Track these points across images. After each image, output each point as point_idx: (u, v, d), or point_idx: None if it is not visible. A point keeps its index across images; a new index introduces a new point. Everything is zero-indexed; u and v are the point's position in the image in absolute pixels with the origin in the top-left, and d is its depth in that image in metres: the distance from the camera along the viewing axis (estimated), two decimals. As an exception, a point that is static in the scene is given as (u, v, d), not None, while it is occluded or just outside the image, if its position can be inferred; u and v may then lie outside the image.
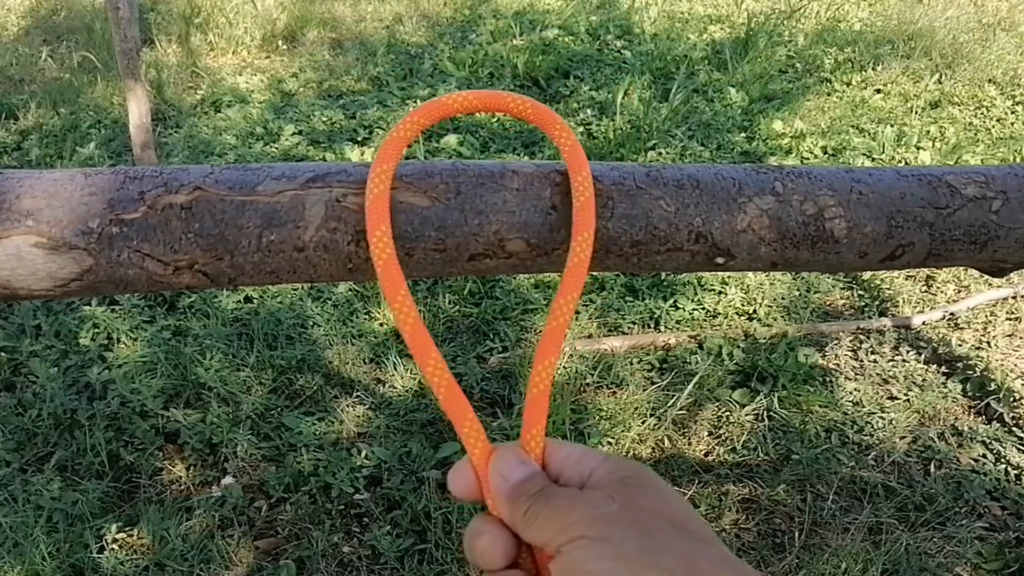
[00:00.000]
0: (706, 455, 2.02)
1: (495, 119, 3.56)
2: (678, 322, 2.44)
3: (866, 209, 0.54)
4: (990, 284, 2.62)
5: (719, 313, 2.48)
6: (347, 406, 2.11)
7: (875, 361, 2.32)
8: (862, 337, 2.41)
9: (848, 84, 4.01)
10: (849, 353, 2.35)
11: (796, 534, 1.82)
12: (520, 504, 0.44)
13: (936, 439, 2.06)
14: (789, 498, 1.91)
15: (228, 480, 1.92)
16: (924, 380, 2.25)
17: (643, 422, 2.07)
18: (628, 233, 0.52)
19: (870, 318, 2.48)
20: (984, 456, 2.02)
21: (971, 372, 2.26)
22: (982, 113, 3.78)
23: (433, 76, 4.00)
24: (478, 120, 3.55)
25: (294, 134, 3.44)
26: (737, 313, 2.49)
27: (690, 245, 0.53)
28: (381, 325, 2.38)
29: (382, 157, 0.49)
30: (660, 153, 3.28)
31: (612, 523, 0.40)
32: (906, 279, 2.68)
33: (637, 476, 0.43)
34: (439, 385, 0.46)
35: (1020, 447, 2.04)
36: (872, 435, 2.08)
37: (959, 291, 2.64)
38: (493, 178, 0.51)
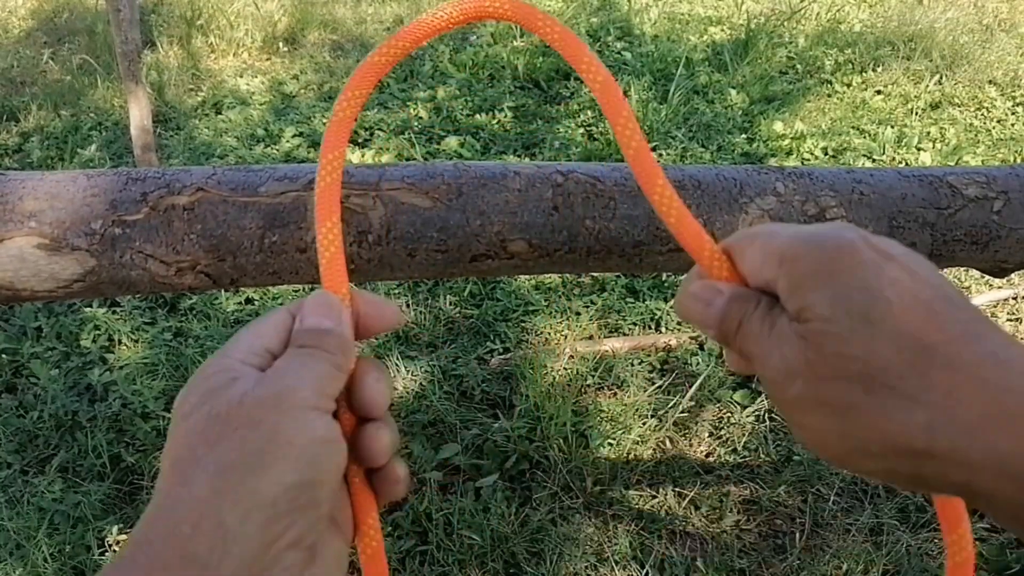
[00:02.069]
0: (707, 456, 2.02)
1: (495, 121, 3.56)
2: (679, 323, 2.44)
3: (867, 209, 0.54)
4: (991, 285, 2.62)
5: (720, 314, 2.47)
6: (348, 407, 2.11)
7: (876, 362, 2.32)
8: (863, 338, 2.41)
9: (848, 85, 4.01)
10: (850, 354, 2.35)
11: (797, 535, 1.82)
12: (734, 346, 0.40)
13: (937, 440, 2.06)
14: (790, 499, 1.90)
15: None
16: (925, 381, 2.25)
17: (644, 423, 2.07)
18: (630, 234, 0.52)
19: (871, 319, 2.48)
20: (985, 457, 2.02)
21: (972, 373, 2.26)
22: (983, 114, 3.78)
23: (433, 78, 4.00)
24: (478, 122, 3.55)
25: (295, 136, 3.44)
26: (738, 314, 2.48)
27: (691, 246, 0.53)
28: (382, 326, 2.38)
29: (329, 144, 0.45)
30: (661, 154, 3.28)
31: (806, 408, 0.35)
32: (907, 280, 2.68)
33: (814, 307, 0.34)
34: None
35: (1021, 448, 2.03)
36: (873, 436, 2.08)
37: (960, 292, 2.64)
38: (495, 179, 0.51)
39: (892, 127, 3.56)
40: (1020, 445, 0.29)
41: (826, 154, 3.39)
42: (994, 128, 3.66)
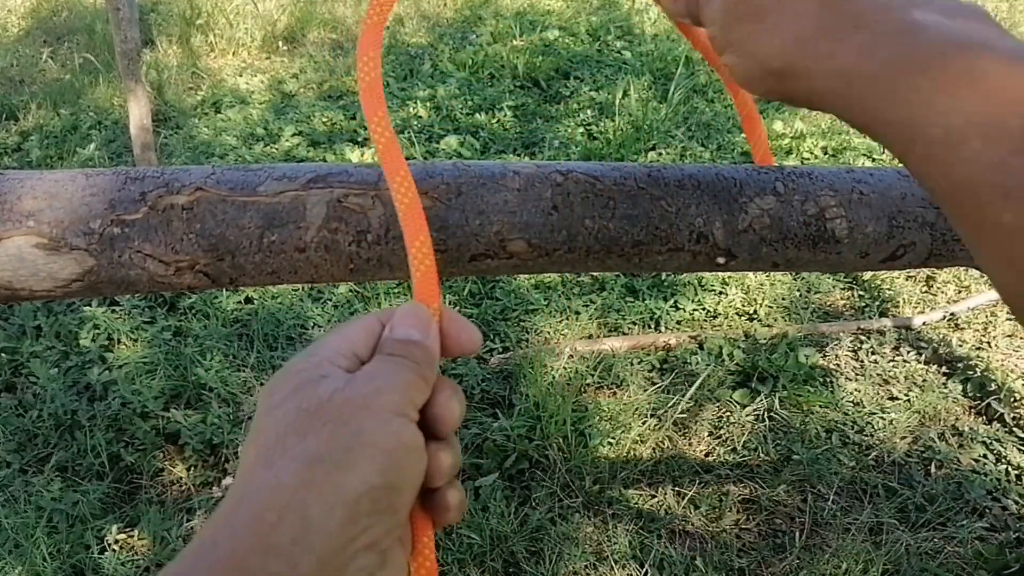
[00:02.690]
0: (707, 455, 2.02)
1: (495, 120, 3.56)
2: (678, 322, 2.44)
3: (867, 209, 0.54)
4: (990, 284, 2.62)
5: (719, 313, 2.47)
6: (348, 407, 2.11)
7: (875, 361, 2.32)
8: (862, 337, 2.41)
9: (848, 84, 4.01)
10: (849, 353, 2.35)
11: (797, 534, 1.82)
12: None
13: (937, 439, 2.06)
14: (790, 498, 1.91)
15: (229, 481, 1.92)
16: (925, 380, 2.25)
17: (644, 422, 2.07)
18: (629, 233, 0.52)
19: (870, 318, 2.48)
20: (985, 456, 2.02)
21: (972, 372, 2.26)
22: (982, 113, 3.78)
23: (433, 77, 4.00)
24: (478, 121, 3.55)
25: (294, 135, 3.44)
26: (737, 313, 2.49)
27: (691, 245, 0.53)
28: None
29: (367, 43, 0.46)
30: (660, 154, 3.28)
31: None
32: (906, 279, 2.68)
33: None
34: None
35: (1021, 447, 2.03)
36: (873, 435, 2.08)
37: (960, 291, 2.64)
38: (494, 179, 0.51)
39: (892, 126, 3.56)
40: (841, 49, 0.35)
41: (826, 153, 3.39)
42: (994, 127, 3.66)
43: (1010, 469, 1.98)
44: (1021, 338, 2.43)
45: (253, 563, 0.31)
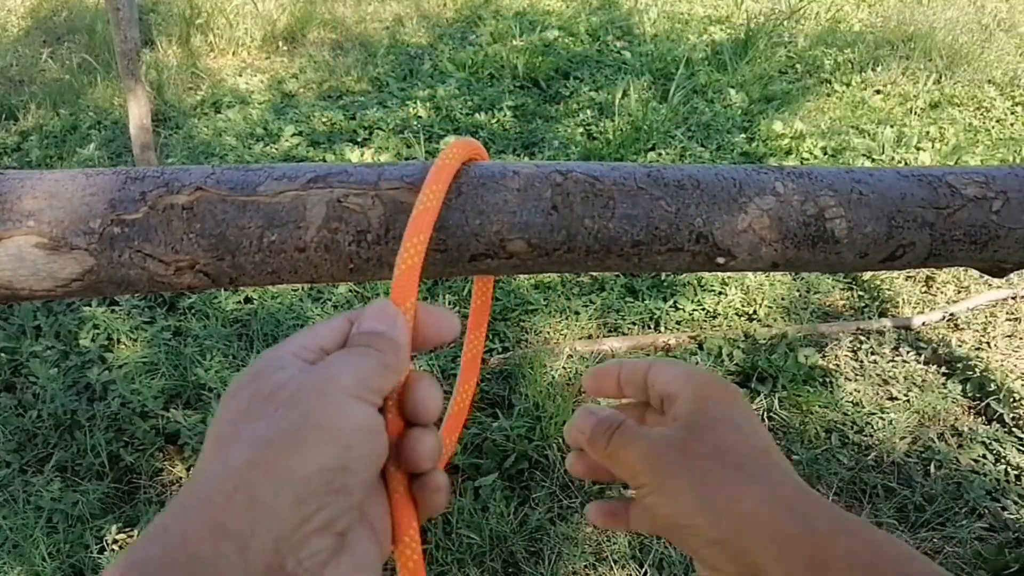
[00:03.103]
0: (706, 456, 2.02)
1: (495, 120, 3.56)
2: (678, 323, 2.44)
3: (867, 209, 0.54)
4: (990, 285, 2.62)
5: (719, 314, 2.48)
6: (347, 407, 2.11)
7: (875, 362, 2.32)
8: (862, 338, 2.41)
9: (848, 85, 4.01)
10: (849, 354, 2.35)
11: (796, 535, 1.82)
12: (599, 446, 0.48)
13: (936, 440, 2.06)
14: (789, 499, 1.91)
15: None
16: (924, 381, 2.25)
17: (643, 423, 2.07)
18: (629, 233, 0.52)
19: (870, 319, 2.48)
20: (984, 456, 2.02)
21: (971, 373, 2.26)
22: (982, 114, 3.78)
23: (433, 77, 4.00)
24: (478, 121, 3.55)
25: (294, 135, 3.44)
26: (737, 314, 2.49)
27: (691, 245, 0.53)
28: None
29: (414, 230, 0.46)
30: (660, 154, 3.28)
31: (668, 471, 0.44)
32: (906, 279, 2.68)
33: (711, 413, 0.46)
34: None
35: (1020, 447, 2.04)
36: (872, 436, 2.08)
37: (959, 292, 2.64)
38: (494, 179, 0.51)
39: (891, 127, 3.56)
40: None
41: (825, 153, 3.39)
42: (993, 128, 3.66)
43: (1009, 469, 1.98)
44: (1020, 339, 2.43)
45: (203, 546, 0.31)
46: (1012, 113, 3.78)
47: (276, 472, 0.33)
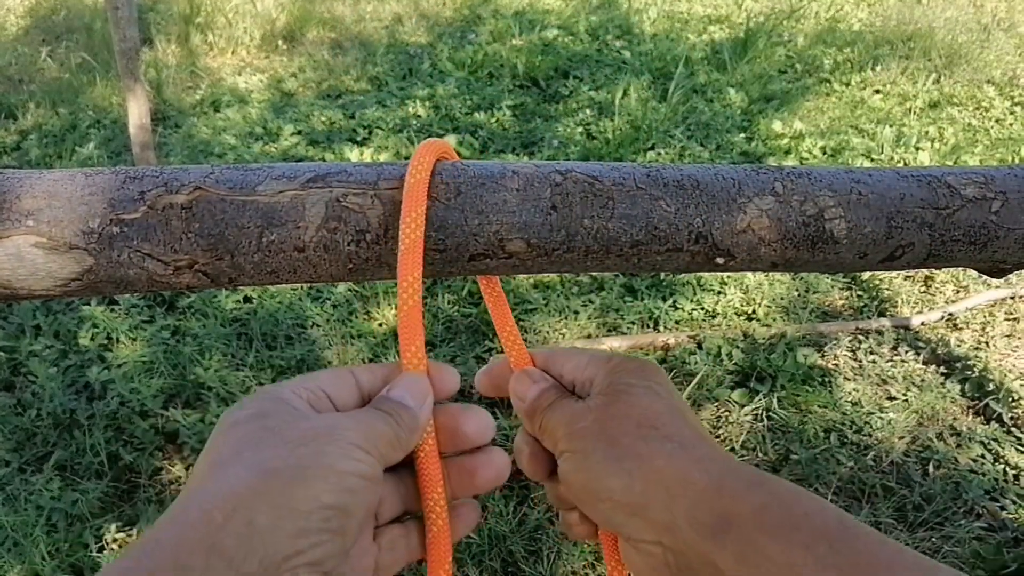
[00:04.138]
0: (705, 455, 2.02)
1: (494, 119, 3.56)
2: (677, 322, 2.44)
3: (866, 210, 0.54)
4: (989, 285, 2.62)
5: (718, 313, 2.48)
6: (346, 406, 2.11)
7: (874, 361, 2.32)
8: (861, 337, 2.41)
9: (847, 84, 4.01)
10: (848, 353, 2.36)
11: (795, 534, 1.82)
12: (535, 420, 0.48)
13: (935, 439, 2.06)
14: (788, 498, 1.91)
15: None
16: (923, 380, 2.25)
17: (642, 422, 2.07)
18: (628, 233, 0.52)
19: (869, 318, 2.49)
20: (983, 456, 2.02)
21: (970, 372, 2.26)
22: (981, 114, 3.78)
23: (432, 76, 4.00)
24: (477, 120, 3.54)
25: (293, 134, 3.44)
26: (736, 313, 2.49)
27: (690, 245, 0.53)
28: (380, 325, 2.38)
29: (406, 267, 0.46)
30: (659, 153, 3.28)
31: (585, 436, 0.43)
32: (905, 279, 2.68)
33: (626, 380, 0.46)
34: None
35: (1019, 447, 2.04)
36: (871, 435, 2.08)
37: (958, 292, 2.64)
38: (493, 178, 0.51)
39: (891, 126, 3.56)
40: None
41: (824, 153, 3.39)
42: (992, 128, 3.66)
43: (1008, 469, 1.98)
44: (1019, 338, 2.43)
45: (196, 561, 0.31)
46: (1011, 113, 3.78)
47: (278, 503, 0.33)
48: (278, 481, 0.34)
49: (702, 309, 2.49)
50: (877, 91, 3.97)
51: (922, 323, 2.46)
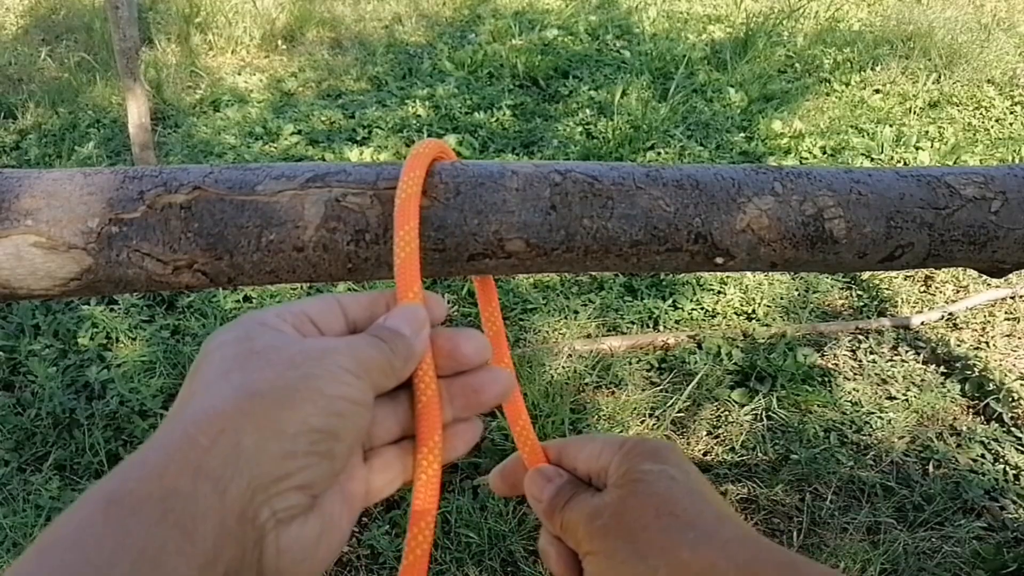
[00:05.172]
0: (705, 455, 2.02)
1: (494, 119, 3.55)
2: (677, 322, 2.44)
3: (865, 209, 0.54)
4: (989, 284, 2.62)
5: (718, 313, 2.48)
6: (346, 406, 2.11)
7: (874, 361, 2.32)
8: (861, 337, 2.41)
9: (847, 84, 4.01)
10: (848, 353, 2.36)
11: (795, 534, 1.83)
12: (555, 521, 0.46)
13: (935, 439, 2.06)
14: (788, 498, 1.91)
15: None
16: (923, 380, 2.25)
17: (642, 422, 2.07)
18: (627, 233, 0.52)
19: (869, 318, 2.49)
20: (983, 456, 2.02)
21: (970, 372, 2.26)
22: (981, 113, 3.78)
23: (432, 76, 4.00)
24: (477, 120, 3.54)
25: (293, 134, 3.44)
26: (736, 313, 2.49)
27: (689, 245, 0.53)
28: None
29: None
30: (659, 153, 3.28)
31: (607, 534, 0.42)
32: (905, 279, 2.68)
33: (640, 468, 0.44)
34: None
35: (1018, 447, 2.04)
36: (871, 435, 2.08)
37: (958, 291, 2.64)
38: (492, 178, 0.51)
39: (890, 126, 3.56)
40: None
41: (824, 153, 3.39)
42: (992, 127, 3.66)
43: (1008, 469, 1.98)
44: (1019, 338, 2.43)
45: (182, 483, 0.31)
46: (1011, 112, 3.78)
47: (265, 424, 0.33)
48: (265, 403, 0.34)
49: (702, 309, 2.49)
50: (877, 91, 3.97)
51: (922, 323, 2.46)
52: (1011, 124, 3.69)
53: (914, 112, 3.74)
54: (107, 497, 0.31)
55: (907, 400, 2.18)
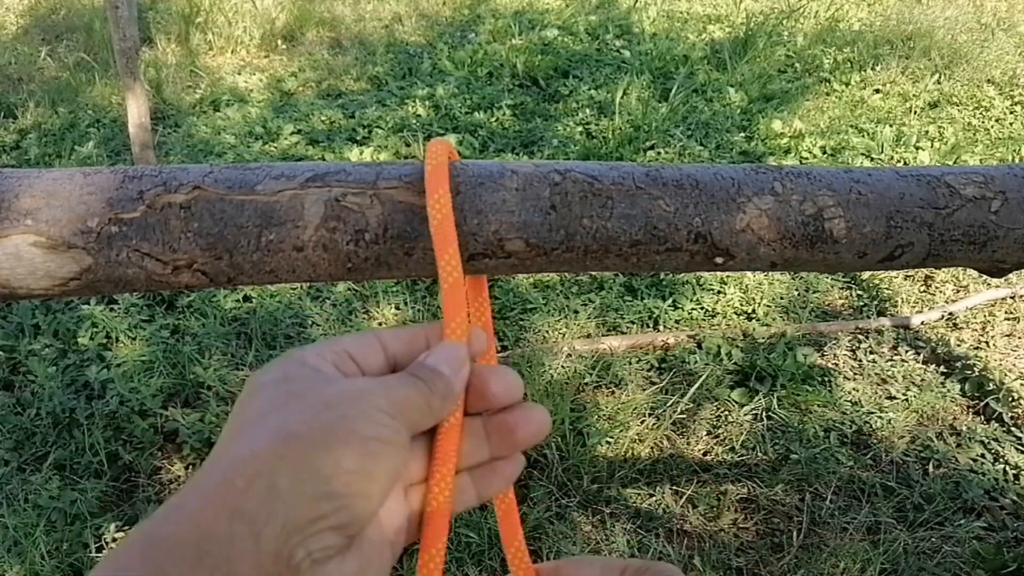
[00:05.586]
0: (705, 455, 2.02)
1: (494, 119, 3.55)
2: (677, 322, 2.44)
3: (865, 209, 0.54)
4: (988, 284, 2.62)
5: (718, 313, 2.48)
6: (346, 406, 2.11)
7: (874, 361, 2.32)
8: (861, 337, 2.41)
9: (847, 84, 4.01)
10: (848, 353, 2.36)
11: (795, 534, 1.83)
12: None
13: (935, 439, 2.06)
14: (788, 498, 1.91)
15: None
16: (923, 380, 2.25)
17: (642, 422, 2.07)
18: (627, 233, 0.52)
19: (869, 318, 2.49)
20: (983, 456, 2.02)
21: (970, 372, 2.26)
22: (981, 113, 3.78)
23: (432, 76, 4.00)
24: (477, 120, 3.54)
25: (293, 133, 3.44)
26: (736, 313, 2.49)
27: (689, 245, 0.53)
28: (380, 325, 2.38)
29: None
30: (659, 153, 3.28)
31: None
32: (905, 279, 2.68)
33: None
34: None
35: (1018, 447, 2.04)
36: (871, 435, 2.08)
37: (958, 291, 2.64)
38: (492, 178, 0.51)
39: (891, 126, 3.56)
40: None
41: (824, 153, 3.39)
42: (992, 127, 3.66)
43: (1008, 468, 1.98)
44: (1019, 338, 2.43)
45: (218, 526, 0.32)
46: (1011, 112, 3.78)
47: (300, 467, 0.33)
48: (300, 445, 0.34)
49: (702, 308, 2.49)
50: (877, 91, 3.97)
51: (922, 323, 2.46)
52: (1011, 124, 3.69)
53: (914, 112, 3.74)
54: (146, 540, 0.32)
55: (907, 400, 2.18)
